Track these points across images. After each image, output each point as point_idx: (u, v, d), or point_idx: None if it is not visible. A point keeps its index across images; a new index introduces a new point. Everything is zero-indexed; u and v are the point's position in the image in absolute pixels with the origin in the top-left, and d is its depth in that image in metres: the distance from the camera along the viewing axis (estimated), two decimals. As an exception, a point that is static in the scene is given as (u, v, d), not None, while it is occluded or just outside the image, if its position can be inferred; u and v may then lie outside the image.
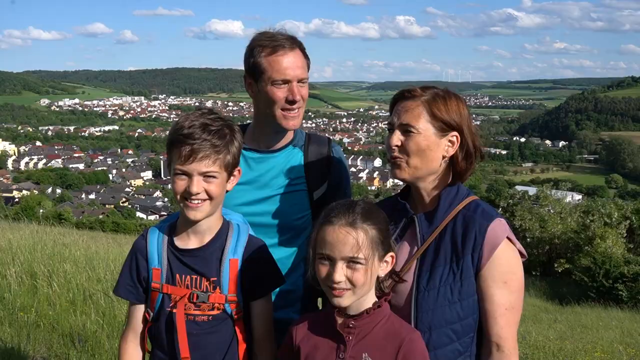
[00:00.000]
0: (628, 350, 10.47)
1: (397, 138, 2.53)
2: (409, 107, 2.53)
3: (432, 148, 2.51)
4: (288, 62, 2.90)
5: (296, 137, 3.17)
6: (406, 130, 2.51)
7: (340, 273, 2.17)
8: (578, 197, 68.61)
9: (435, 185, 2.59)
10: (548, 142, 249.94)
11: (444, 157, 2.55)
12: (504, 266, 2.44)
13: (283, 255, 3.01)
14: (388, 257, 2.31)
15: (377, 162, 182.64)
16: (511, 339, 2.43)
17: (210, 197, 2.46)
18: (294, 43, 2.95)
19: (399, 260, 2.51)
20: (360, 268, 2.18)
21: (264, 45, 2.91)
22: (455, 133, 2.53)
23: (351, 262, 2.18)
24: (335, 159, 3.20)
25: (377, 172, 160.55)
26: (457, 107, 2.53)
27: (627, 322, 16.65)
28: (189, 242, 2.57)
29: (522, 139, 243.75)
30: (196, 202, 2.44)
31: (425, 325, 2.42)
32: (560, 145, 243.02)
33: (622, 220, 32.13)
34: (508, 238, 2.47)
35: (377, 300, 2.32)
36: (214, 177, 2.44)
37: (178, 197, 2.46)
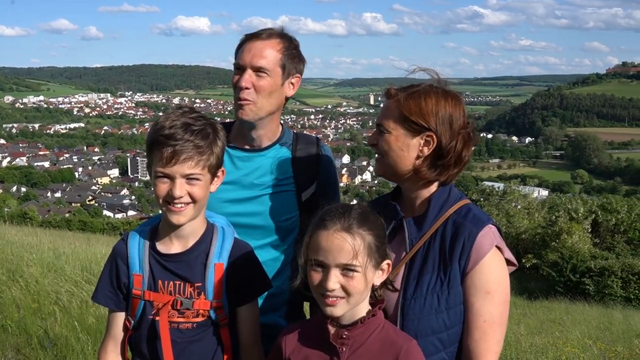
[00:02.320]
0: (598, 344, 10.55)
1: (374, 137, 2.52)
2: (384, 107, 2.50)
3: (403, 148, 2.43)
4: (248, 49, 2.81)
5: (284, 136, 3.06)
6: (380, 130, 2.48)
7: (334, 280, 2.07)
8: (544, 192, 69.44)
9: (422, 186, 2.51)
10: (515, 138, 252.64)
11: (418, 157, 2.45)
12: (489, 275, 2.34)
13: (269, 258, 2.91)
14: (384, 265, 2.22)
15: (346, 159, 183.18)
16: (486, 357, 2.33)
17: (194, 200, 2.36)
18: (274, 34, 2.86)
19: None
20: (355, 276, 2.08)
21: (247, 35, 2.86)
22: (430, 133, 2.42)
23: (346, 269, 2.08)
24: (324, 159, 3.10)
25: (345, 169, 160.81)
26: (434, 106, 2.41)
27: (594, 316, 16.83)
28: (171, 246, 2.47)
29: (489, 135, 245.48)
30: (179, 205, 2.34)
31: (411, 334, 2.31)
32: (527, 141, 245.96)
33: (588, 216, 32.55)
34: (497, 247, 2.39)
35: (371, 308, 2.23)
36: (197, 179, 2.34)
37: (160, 200, 2.35)
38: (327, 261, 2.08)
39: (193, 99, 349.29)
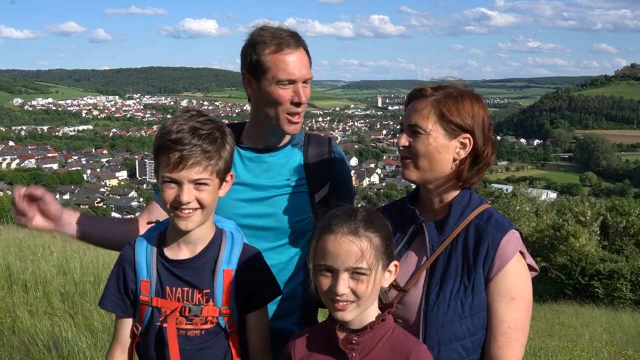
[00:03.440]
0: (607, 347, 10.50)
1: (405, 139, 2.42)
2: (418, 107, 2.41)
3: (441, 150, 2.39)
4: (294, 61, 2.75)
5: (295, 137, 3.01)
6: (414, 131, 2.40)
7: (344, 285, 2.05)
8: (553, 195, 69.18)
9: (447, 189, 2.46)
10: (523, 140, 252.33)
11: (454, 159, 2.41)
12: (513, 281, 2.31)
13: (282, 260, 2.88)
14: (392, 267, 2.20)
15: (353, 161, 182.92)
16: None
17: (202, 206, 2.32)
18: (299, 41, 2.80)
19: (406, 270, 2.42)
20: (364, 279, 2.06)
21: (268, 42, 2.75)
22: (468, 135, 2.39)
23: (355, 272, 2.06)
24: (337, 159, 3.06)
25: (353, 171, 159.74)
26: (470, 108, 2.39)
27: (604, 319, 16.75)
28: (179, 252, 2.43)
29: (497, 138, 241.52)
30: (187, 211, 2.30)
31: (434, 341, 2.30)
32: (535, 143, 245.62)
33: (596, 218, 32.44)
34: (520, 252, 2.36)
35: (380, 313, 2.21)
36: (205, 184, 2.30)
37: (168, 206, 2.32)
38: (335, 265, 2.06)
39: (201, 102, 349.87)
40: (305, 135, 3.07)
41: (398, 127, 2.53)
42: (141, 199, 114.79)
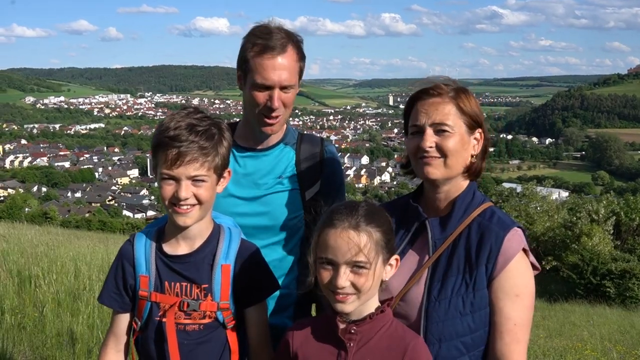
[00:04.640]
0: (617, 347, 10.45)
1: (431, 139, 2.39)
2: (438, 105, 2.39)
3: (466, 147, 2.42)
4: (273, 67, 2.75)
5: (288, 136, 3.05)
6: (440, 129, 2.39)
7: (344, 278, 2.09)
8: (565, 194, 68.97)
9: (458, 184, 2.48)
10: (535, 139, 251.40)
11: (472, 154, 2.46)
12: (518, 279, 2.32)
13: (275, 258, 2.90)
14: (392, 261, 2.23)
15: (365, 160, 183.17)
16: (517, 358, 2.32)
17: (200, 202, 2.34)
18: (289, 42, 2.79)
19: (409, 266, 2.44)
20: (364, 272, 2.10)
21: (256, 42, 2.77)
22: (480, 129, 2.45)
23: (355, 266, 2.09)
24: (328, 158, 3.08)
25: (364, 170, 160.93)
26: (476, 102, 2.44)
27: (615, 319, 16.67)
28: (178, 248, 2.46)
29: (509, 136, 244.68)
30: (185, 207, 2.33)
31: (435, 337, 2.31)
32: (547, 142, 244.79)
33: (610, 217, 32.25)
34: (524, 250, 2.37)
35: (380, 305, 2.24)
36: (203, 180, 2.33)
37: (166, 202, 2.34)
38: (336, 259, 2.09)
39: (212, 100, 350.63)
40: (298, 134, 3.10)
41: (411, 129, 2.48)
42: (152, 197, 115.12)
